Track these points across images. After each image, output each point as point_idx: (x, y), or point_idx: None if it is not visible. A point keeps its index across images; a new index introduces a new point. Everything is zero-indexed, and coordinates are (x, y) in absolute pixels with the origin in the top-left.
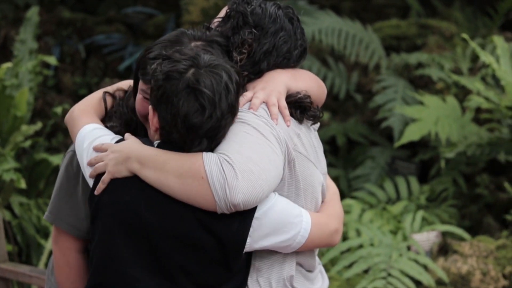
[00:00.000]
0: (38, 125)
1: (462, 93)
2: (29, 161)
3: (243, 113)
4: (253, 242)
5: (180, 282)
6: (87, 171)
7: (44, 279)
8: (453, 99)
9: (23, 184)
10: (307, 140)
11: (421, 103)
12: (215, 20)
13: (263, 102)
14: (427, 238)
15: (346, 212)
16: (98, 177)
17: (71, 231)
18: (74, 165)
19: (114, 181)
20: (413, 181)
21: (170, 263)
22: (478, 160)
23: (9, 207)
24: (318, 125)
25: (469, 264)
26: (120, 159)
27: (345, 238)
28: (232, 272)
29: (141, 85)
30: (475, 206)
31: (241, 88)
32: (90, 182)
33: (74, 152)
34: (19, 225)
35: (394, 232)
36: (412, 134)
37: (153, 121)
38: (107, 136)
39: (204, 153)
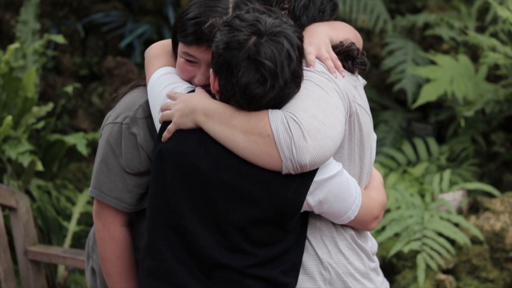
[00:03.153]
0: (50, 106)
1: (470, 52)
2: (43, 143)
3: (304, 71)
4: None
5: (233, 238)
6: (157, 116)
7: (78, 259)
8: (465, 58)
9: (40, 167)
10: (363, 92)
11: (431, 63)
12: None
13: (316, 57)
14: (453, 198)
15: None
16: (165, 123)
17: (115, 204)
18: (114, 137)
19: (178, 131)
20: (432, 142)
21: (225, 219)
22: (492, 118)
23: (26, 191)
24: (365, 82)
25: (502, 220)
26: (186, 111)
27: None
28: (286, 231)
29: (181, 47)
30: (493, 164)
31: (303, 52)
32: (158, 127)
33: (113, 124)
34: (38, 208)
35: (420, 194)
36: (428, 94)
37: (214, 85)
38: (181, 85)
39: (270, 110)
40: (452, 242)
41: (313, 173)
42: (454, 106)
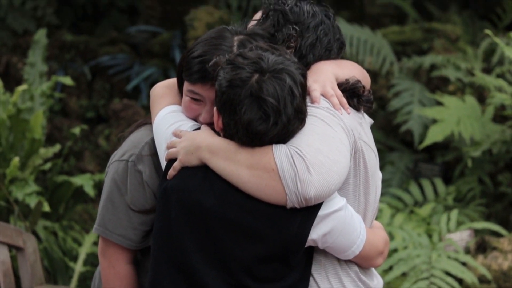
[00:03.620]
0: (57, 147)
1: (477, 93)
2: (50, 184)
3: (308, 107)
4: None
5: (237, 275)
6: (163, 153)
7: None
8: (472, 99)
9: (47, 208)
10: (368, 130)
11: (438, 104)
12: (251, 22)
13: (321, 94)
14: (460, 237)
15: (377, 216)
16: (170, 161)
17: (120, 242)
18: (119, 174)
19: (184, 169)
20: (439, 183)
21: (229, 255)
22: (499, 159)
23: (33, 232)
24: (372, 122)
25: (510, 259)
26: (191, 148)
27: None
28: (290, 267)
29: (187, 86)
30: (500, 204)
31: (306, 89)
32: (164, 164)
33: (119, 161)
34: (44, 249)
35: (427, 234)
36: (435, 135)
37: (217, 123)
38: (187, 123)
39: (274, 145)
40: (460, 281)
41: (317, 207)
42: (461, 147)
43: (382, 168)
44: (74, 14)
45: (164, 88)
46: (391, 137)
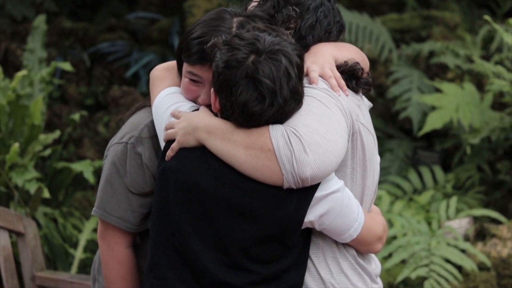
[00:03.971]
0: (57, 133)
1: (475, 81)
2: (50, 170)
3: (305, 88)
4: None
5: (234, 256)
6: (162, 134)
7: (85, 284)
8: (471, 86)
9: (46, 194)
10: (367, 113)
11: (437, 91)
12: (251, 4)
13: (319, 75)
14: (459, 225)
15: (376, 203)
16: (169, 142)
17: (119, 225)
18: (119, 156)
19: (182, 150)
20: (438, 170)
21: (226, 236)
22: (498, 146)
23: (33, 218)
24: (371, 105)
25: (509, 247)
26: (189, 129)
27: None
28: (287, 248)
29: (186, 67)
30: (499, 192)
31: (303, 70)
32: (163, 145)
33: (118, 144)
34: (45, 235)
35: (427, 221)
36: (434, 122)
37: (215, 104)
38: (185, 104)
39: (271, 126)
40: (459, 268)
41: (314, 188)
42: (460, 134)
43: (381, 155)
44: (73, 1)
45: (163, 71)
46: (390, 124)
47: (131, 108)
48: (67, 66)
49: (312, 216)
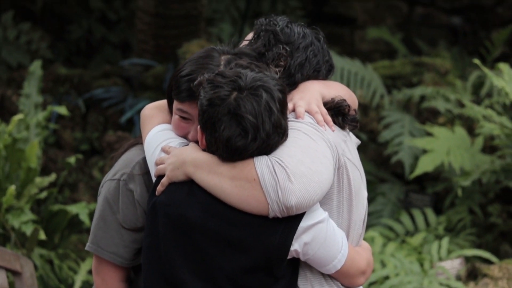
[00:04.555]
0: (53, 177)
1: (466, 125)
2: (45, 213)
3: (291, 122)
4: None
5: (223, 286)
6: (153, 170)
7: None
8: (461, 129)
9: (43, 236)
10: (353, 149)
11: (428, 135)
12: (243, 43)
13: (306, 111)
14: (451, 265)
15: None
16: (159, 177)
17: (112, 259)
18: (111, 193)
19: (171, 184)
20: (429, 213)
21: (214, 267)
22: (489, 189)
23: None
24: (359, 142)
25: (500, 286)
26: (177, 164)
27: None
28: (275, 278)
29: (176, 105)
30: (490, 235)
31: (286, 104)
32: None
33: (111, 180)
34: (40, 277)
35: (419, 262)
36: (425, 165)
37: (202, 141)
38: (176, 140)
39: (256, 157)
40: None
41: (299, 218)
42: (451, 177)
43: (373, 199)
44: (68, 49)
45: (153, 109)
46: (382, 169)
47: (123, 145)
48: (63, 110)
49: (297, 245)
